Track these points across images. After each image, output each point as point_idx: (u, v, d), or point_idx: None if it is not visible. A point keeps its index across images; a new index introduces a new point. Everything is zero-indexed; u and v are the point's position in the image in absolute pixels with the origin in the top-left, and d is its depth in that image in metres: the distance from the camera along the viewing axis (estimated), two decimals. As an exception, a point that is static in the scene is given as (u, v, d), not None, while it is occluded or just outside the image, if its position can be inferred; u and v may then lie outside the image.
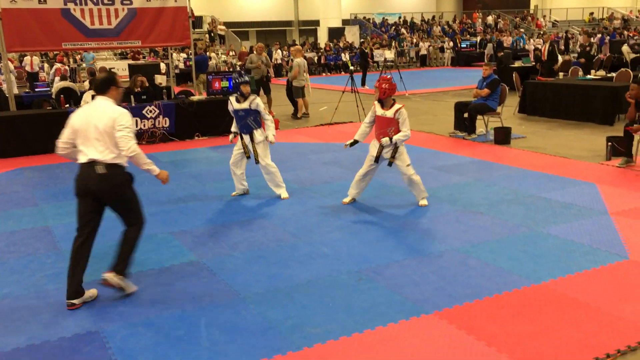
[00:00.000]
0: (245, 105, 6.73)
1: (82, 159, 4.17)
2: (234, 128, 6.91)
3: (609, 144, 8.39)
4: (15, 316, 4.15)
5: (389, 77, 6.41)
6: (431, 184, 7.30)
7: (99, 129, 4.13)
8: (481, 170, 7.99)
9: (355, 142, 6.57)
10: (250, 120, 6.74)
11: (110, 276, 4.22)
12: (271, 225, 5.99)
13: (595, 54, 16.75)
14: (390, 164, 6.35)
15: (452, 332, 3.74)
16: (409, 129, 6.31)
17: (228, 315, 4.06)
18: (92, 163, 4.12)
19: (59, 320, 4.06)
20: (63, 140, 4.30)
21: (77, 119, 4.25)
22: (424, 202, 6.47)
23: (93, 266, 4.51)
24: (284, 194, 6.94)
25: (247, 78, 6.85)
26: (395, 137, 6.23)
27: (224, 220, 6.18)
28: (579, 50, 16.57)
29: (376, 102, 6.45)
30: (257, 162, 6.81)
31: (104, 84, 4.33)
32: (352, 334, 3.74)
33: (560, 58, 16.82)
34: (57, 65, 18.13)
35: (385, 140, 6.23)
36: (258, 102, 6.76)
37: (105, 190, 4.18)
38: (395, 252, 5.14)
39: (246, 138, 6.81)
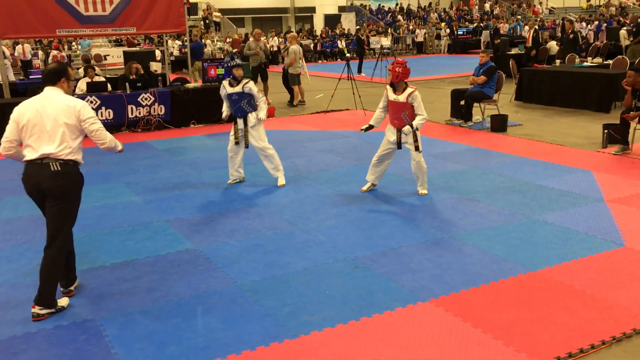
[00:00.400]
0: (238, 88, 6.73)
1: (31, 155, 3.85)
2: (225, 108, 6.92)
3: (606, 131, 8.39)
4: (11, 304, 4.14)
5: (403, 60, 6.26)
6: (428, 172, 7.28)
7: (58, 122, 3.86)
8: (477, 158, 7.99)
9: (371, 127, 6.46)
10: (244, 104, 6.74)
11: (37, 311, 3.90)
12: (267, 213, 5.98)
13: (580, 41, 16.39)
14: (417, 148, 6.21)
15: (449, 319, 3.75)
16: (424, 112, 6.18)
17: (225, 303, 4.06)
18: (44, 159, 3.82)
19: (55, 309, 4.05)
20: (9, 139, 3.93)
21: (25, 112, 3.89)
22: (423, 191, 6.43)
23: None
24: (281, 179, 6.93)
25: (239, 61, 6.84)
26: (415, 123, 6.11)
27: (220, 208, 6.17)
28: (563, 36, 16.22)
29: (388, 87, 6.33)
30: (246, 146, 6.85)
31: (54, 74, 4.00)
32: (349, 322, 3.75)
33: (554, 45, 16.72)
34: (54, 52, 18.02)
35: (407, 128, 6.11)
36: (251, 85, 6.76)
37: (56, 187, 3.86)
38: (391, 239, 5.14)
39: (240, 122, 6.83)
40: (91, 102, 10.23)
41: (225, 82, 6.85)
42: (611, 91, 11.12)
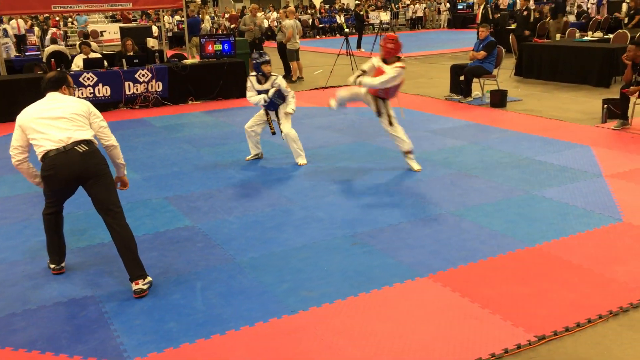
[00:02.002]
0: (267, 85, 6.62)
1: (50, 145, 3.76)
2: (262, 97, 6.68)
3: (605, 106, 8.35)
4: (10, 281, 4.16)
5: (394, 34, 6.19)
6: (426, 147, 7.28)
7: (70, 112, 3.86)
8: (477, 133, 7.96)
9: (364, 72, 6.29)
10: (275, 98, 6.62)
11: (141, 286, 3.87)
12: (266, 189, 5.97)
13: (532, 19, 15.55)
14: (390, 122, 6.26)
15: (447, 294, 3.77)
16: (381, 80, 6.00)
17: (224, 279, 4.08)
18: (66, 146, 3.75)
19: (55, 286, 4.07)
20: (15, 145, 3.91)
21: (31, 114, 3.87)
22: (415, 165, 6.46)
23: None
24: (301, 159, 6.83)
25: (268, 57, 6.65)
26: (363, 81, 6.10)
27: (218, 185, 6.17)
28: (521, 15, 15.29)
29: (374, 59, 6.28)
30: (283, 138, 6.77)
31: (56, 82, 4.03)
32: (347, 297, 3.76)
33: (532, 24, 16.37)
34: (53, 29, 17.82)
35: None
36: (279, 81, 6.62)
37: (92, 166, 3.82)
38: (390, 215, 5.14)
39: (272, 114, 6.78)
40: (88, 78, 10.16)
41: (252, 79, 6.70)
42: (611, 66, 11.04)
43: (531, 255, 4.29)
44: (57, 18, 25.04)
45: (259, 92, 6.65)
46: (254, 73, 6.73)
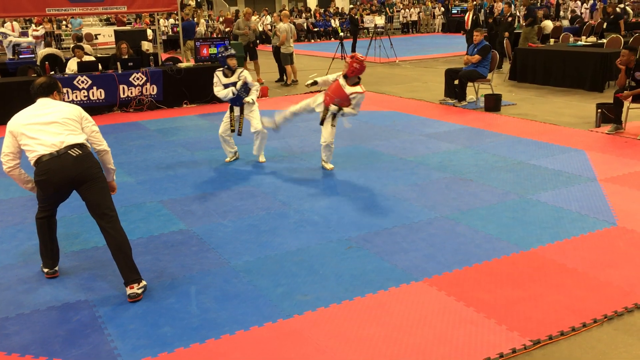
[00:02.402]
0: (234, 78, 6.75)
1: (43, 150, 3.73)
2: (226, 91, 6.84)
3: (599, 110, 8.39)
4: (3, 285, 4.13)
5: (363, 57, 6.40)
6: (421, 151, 7.29)
7: (62, 116, 3.84)
8: (471, 137, 7.98)
9: (315, 82, 6.69)
10: (241, 92, 6.76)
11: (135, 291, 3.84)
12: (261, 193, 5.96)
13: (516, 24, 15.16)
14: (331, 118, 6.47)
15: (442, 298, 3.77)
16: (357, 111, 6.48)
17: (218, 283, 4.06)
18: (59, 150, 3.73)
19: (48, 290, 4.04)
20: (5, 152, 3.86)
21: (21, 120, 3.83)
22: (327, 165, 6.69)
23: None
24: (261, 157, 7.10)
25: (233, 51, 6.81)
26: (346, 111, 6.39)
27: (213, 189, 6.15)
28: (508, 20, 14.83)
29: (342, 76, 6.42)
30: (239, 134, 6.96)
31: (47, 87, 4.01)
32: (342, 301, 3.76)
33: (549, 23, 16.54)
34: (33, 27, 17.44)
35: (334, 108, 6.37)
36: (246, 74, 6.76)
37: (86, 170, 3.80)
38: (384, 219, 5.14)
39: (237, 110, 6.88)
40: (82, 81, 10.13)
41: (219, 73, 6.83)
42: (605, 70, 11.10)
43: (526, 259, 4.30)
44: (50, 20, 24.96)
45: (226, 86, 6.76)
46: (221, 68, 6.88)
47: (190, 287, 4.02)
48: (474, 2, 15.20)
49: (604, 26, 14.97)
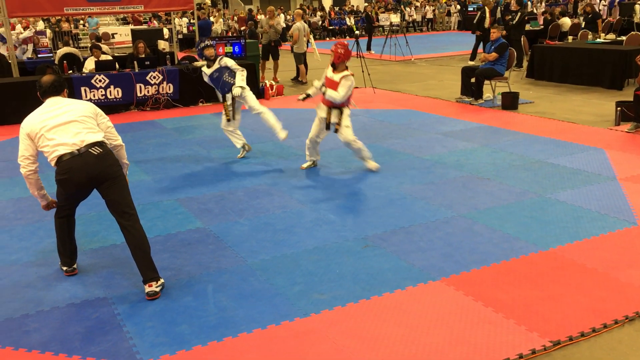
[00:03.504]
0: (215, 66, 6.84)
1: (63, 149, 3.73)
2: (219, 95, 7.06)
3: (618, 108, 8.28)
4: (23, 283, 4.18)
5: (346, 42, 6.38)
6: (438, 150, 7.25)
7: (79, 114, 3.84)
8: (488, 136, 7.92)
9: (308, 95, 6.60)
10: (227, 77, 6.85)
11: (154, 289, 3.87)
12: (277, 191, 5.97)
13: (515, 22, 14.73)
14: (336, 130, 6.31)
15: (459, 298, 3.74)
16: (342, 94, 6.15)
17: (235, 281, 4.07)
18: (80, 149, 3.74)
19: (68, 287, 4.08)
20: (25, 155, 3.84)
21: (37, 122, 3.80)
22: (372, 164, 6.49)
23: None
24: (281, 133, 7.00)
25: (208, 43, 6.92)
26: (327, 93, 6.20)
27: (229, 187, 6.17)
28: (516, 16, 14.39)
29: (330, 65, 6.37)
30: (232, 118, 7.01)
31: (58, 86, 3.95)
32: (359, 300, 3.75)
33: (567, 21, 16.35)
34: (19, 29, 17.37)
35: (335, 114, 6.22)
36: (226, 60, 6.85)
37: (107, 168, 3.82)
38: (401, 218, 5.12)
39: (228, 98, 6.96)
40: (99, 80, 10.21)
41: (203, 68, 6.97)
42: (624, 68, 10.95)
43: (545, 259, 4.25)
44: (67, 19, 25.20)
45: (211, 77, 6.90)
46: (204, 62, 7.00)
47: (208, 285, 4.04)
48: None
49: (582, 25, 14.87)
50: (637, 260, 4.18)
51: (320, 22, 28.17)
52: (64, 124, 3.80)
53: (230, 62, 6.85)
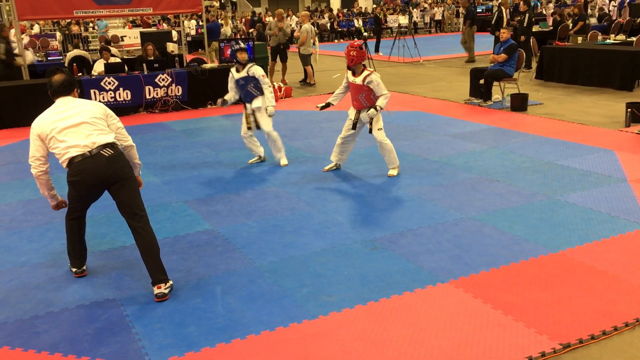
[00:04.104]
0: (243, 73, 6.72)
1: (75, 151, 3.74)
2: (227, 97, 6.95)
3: (629, 110, 8.22)
4: (33, 284, 4.20)
5: (357, 43, 6.26)
6: (446, 152, 7.23)
7: (89, 116, 3.84)
8: (497, 137, 7.89)
9: (328, 104, 6.56)
10: (251, 88, 6.73)
11: (162, 290, 3.88)
12: (285, 193, 5.97)
13: (525, 24, 14.39)
14: (370, 130, 6.27)
15: (468, 300, 3.72)
16: (386, 90, 6.15)
17: (244, 283, 4.07)
18: (92, 151, 3.75)
19: (77, 289, 4.10)
20: (35, 156, 3.85)
21: (47, 123, 3.80)
22: (392, 172, 6.39)
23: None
24: (283, 160, 6.97)
25: (243, 45, 6.79)
26: (379, 104, 6.12)
27: (238, 189, 6.18)
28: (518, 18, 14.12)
29: (348, 70, 6.34)
30: (258, 127, 6.86)
31: (68, 85, 3.94)
32: (368, 302, 3.74)
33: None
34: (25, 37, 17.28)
35: (372, 112, 6.11)
36: (255, 69, 6.71)
37: (119, 169, 3.83)
38: (409, 220, 5.10)
39: (249, 107, 6.84)
40: (109, 83, 10.26)
41: (232, 69, 6.85)
42: (634, 69, 10.88)
43: (554, 261, 4.23)
44: (77, 22, 25.35)
45: (237, 81, 6.78)
46: (234, 65, 6.91)
47: (216, 287, 4.04)
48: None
49: (570, 28, 14.74)
50: (648, 262, 4.14)
51: (328, 24, 28.19)
52: (75, 126, 3.80)
53: (258, 73, 6.68)
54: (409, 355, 3.18)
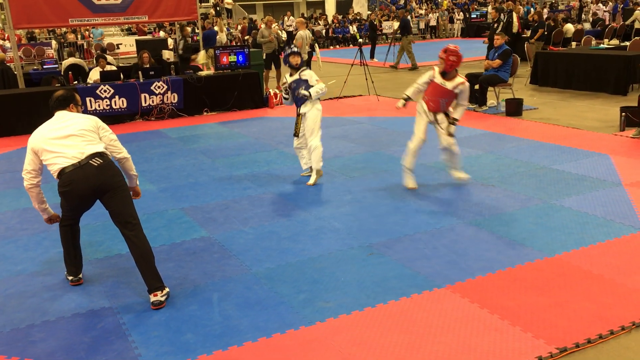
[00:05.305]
0: (296, 76, 6.53)
1: (64, 162, 3.78)
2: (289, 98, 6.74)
3: (623, 114, 8.27)
4: (29, 293, 4.19)
5: (455, 46, 6.03)
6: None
7: (78, 128, 3.88)
8: (492, 142, 7.91)
9: (408, 99, 6.34)
10: (299, 92, 6.48)
11: (159, 298, 3.88)
12: (281, 200, 5.97)
13: (496, 29, 14.26)
14: (449, 135, 6.08)
15: (465, 305, 3.73)
16: (467, 101, 6.11)
17: (240, 290, 4.07)
18: (81, 161, 3.77)
19: (73, 297, 4.09)
20: (27, 169, 3.91)
21: (41, 136, 3.87)
22: (461, 175, 6.20)
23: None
24: (311, 179, 6.52)
25: (296, 49, 6.60)
26: (457, 116, 6.03)
27: (234, 196, 6.18)
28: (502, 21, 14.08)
29: (436, 69, 6.10)
30: (296, 135, 6.56)
31: (63, 100, 4.06)
32: (364, 308, 3.74)
33: (570, 27, 16.34)
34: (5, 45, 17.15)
35: (454, 129, 6.05)
36: (306, 72, 6.51)
37: (109, 178, 3.84)
38: (406, 225, 5.11)
39: (301, 111, 6.55)
40: (104, 90, 10.26)
41: (286, 75, 6.67)
42: (628, 73, 10.94)
43: (551, 265, 4.24)
44: (74, 31, 25.34)
45: (290, 85, 6.58)
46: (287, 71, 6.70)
47: (212, 294, 4.04)
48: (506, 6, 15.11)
49: (529, 34, 14.73)
50: (644, 266, 4.16)
51: (323, 31, 28.26)
52: (63, 138, 3.85)
53: (309, 76, 6.47)
54: (406, 360, 3.18)
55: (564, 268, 4.18)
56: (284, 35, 22.34)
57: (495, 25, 13.91)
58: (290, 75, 6.62)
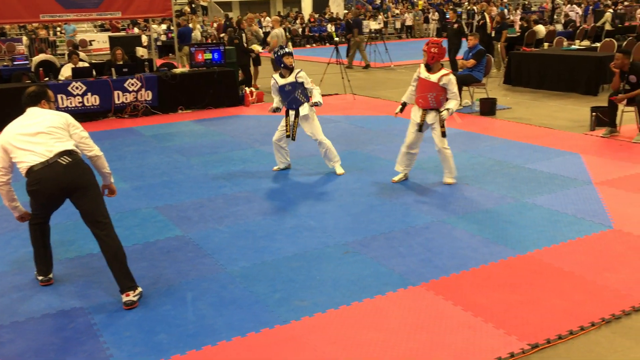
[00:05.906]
0: (291, 79, 6.43)
1: (33, 160, 3.70)
2: (275, 102, 6.64)
3: (593, 114, 8.41)
4: (-2, 293, 4.10)
5: (439, 39, 5.97)
6: (418, 156, 7.27)
7: (49, 126, 3.81)
8: (466, 141, 7.99)
9: (404, 105, 6.30)
10: (299, 94, 6.45)
11: (131, 298, 3.82)
12: (257, 198, 5.95)
13: (469, 31, 14.58)
14: (443, 134, 6.03)
15: (439, 303, 3.75)
16: (458, 96, 6.02)
17: (215, 289, 4.04)
18: (49, 160, 3.70)
19: (43, 297, 4.01)
20: (1, 166, 3.82)
21: (11, 133, 3.80)
22: (450, 180, 6.15)
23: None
24: (338, 169, 6.64)
25: (289, 50, 6.50)
26: (450, 107, 5.92)
27: (209, 194, 6.13)
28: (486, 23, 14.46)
29: (422, 65, 6.09)
30: (293, 139, 6.57)
31: (34, 97, 3.99)
32: (340, 307, 3.74)
33: (542, 28, 16.55)
34: None
35: (445, 114, 5.93)
36: (303, 74, 6.45)
37: (78, 177, 3.77)
38: (381, 224, 5.13)
39: (292, 115, 6.52)
40: (76, 87, 10.10)
41: (275, 76, 6.55)
42: (599, 74, 11.14)
43: (523, 262, 4.29)
44: (46, 26, 24.91)
45: (282, 87, 6.47)
46: (278, 70, 6.57)
47: (187, 293, 4.00)
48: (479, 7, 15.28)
49: (492, 34, 14.96)
50: (613, 263, 4.24)
51: (300, 29, 28.21)
52: (32, 135, 3.77)
53: (304, 78, 6.42)
54: (381, 358, 3.19)
55: (536, 265, 4.23)
56: (261, 33, 22.25)
57: (456, 26, 14.13)
58: (281, 76, 6.50)
